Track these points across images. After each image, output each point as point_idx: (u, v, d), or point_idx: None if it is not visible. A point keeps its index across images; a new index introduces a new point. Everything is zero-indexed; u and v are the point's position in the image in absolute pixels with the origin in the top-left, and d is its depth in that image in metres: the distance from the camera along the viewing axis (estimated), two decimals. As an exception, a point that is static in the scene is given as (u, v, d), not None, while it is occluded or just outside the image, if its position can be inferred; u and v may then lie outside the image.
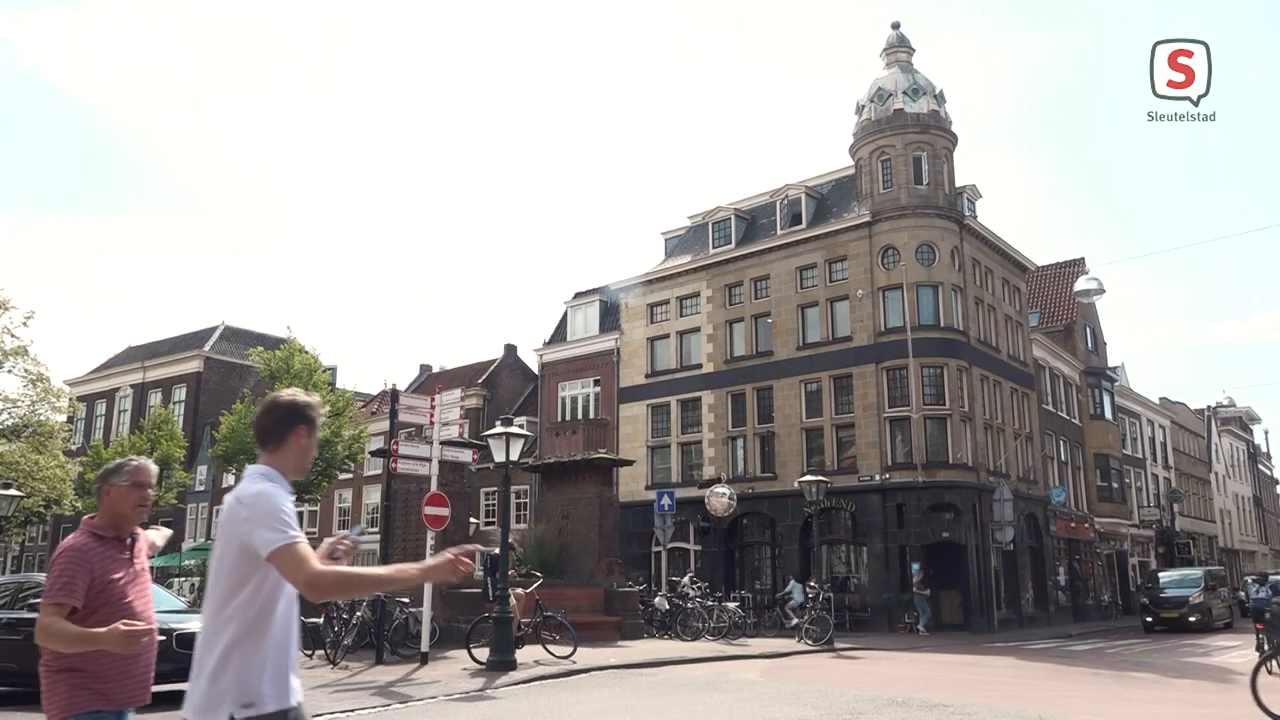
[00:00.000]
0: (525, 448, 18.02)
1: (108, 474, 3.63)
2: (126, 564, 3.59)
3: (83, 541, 3.51)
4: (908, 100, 33.33)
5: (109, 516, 3.59)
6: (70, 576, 3.41)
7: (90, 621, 3.35)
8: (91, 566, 3.43)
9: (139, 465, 3.66)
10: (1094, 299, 20.00)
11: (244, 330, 57.81)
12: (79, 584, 3.39)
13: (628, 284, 39.65)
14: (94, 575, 3.42)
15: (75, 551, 3.46)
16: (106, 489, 3.60)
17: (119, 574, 3.53)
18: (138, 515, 3.65)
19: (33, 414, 31.65)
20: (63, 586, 3.37)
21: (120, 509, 3.61)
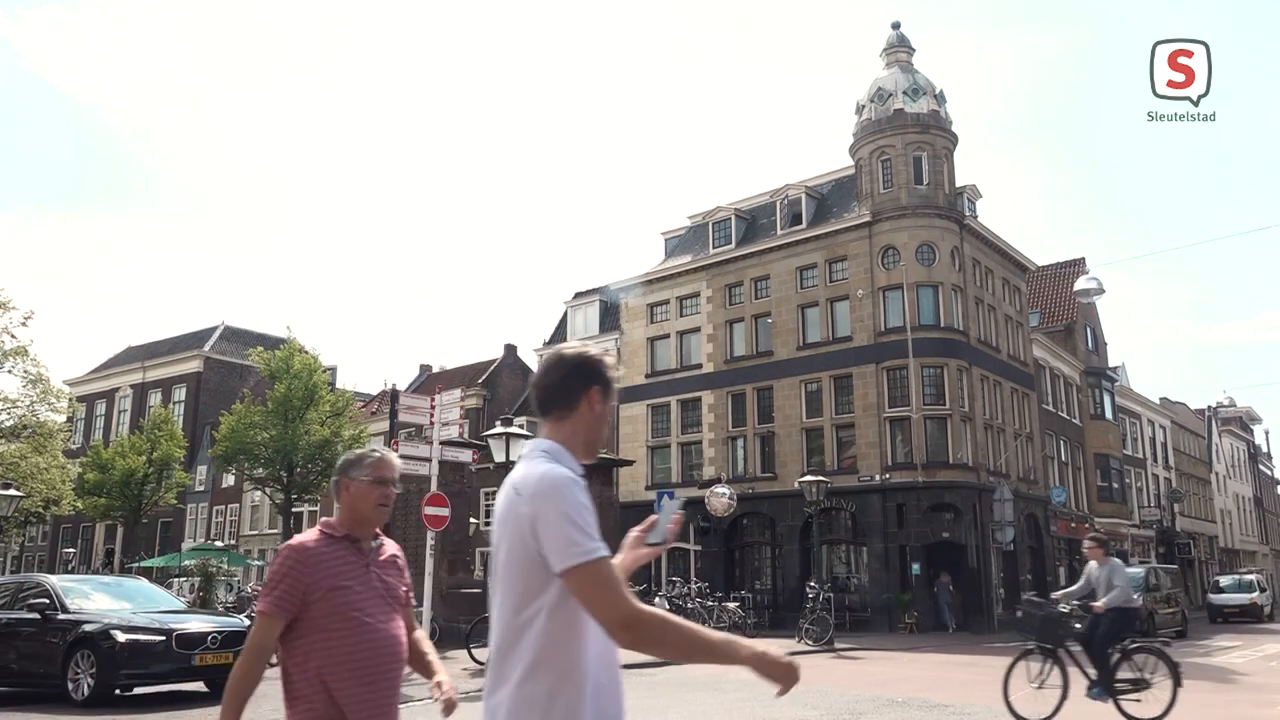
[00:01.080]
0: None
1: (347, 466, 3.10)
2: (360, 571, 2.95)
3: (307, 540, 2.96)
4: (908, 100, 33.33)
5: (346, 514, 3.07)
6: (281, 581, 2.84)
7: (312, 638, 2.82)
8: (310, 570, 2.86)
9: (381, 458, 3.12)
10: (1094, 299, 20.00)
11: (244, 330, 57.81)
12: (288, 591, 2.83)
13: (628, 284, 39.64)
14: (312, 580, 2.84)
15: (293, 551, 2.91)
16: (345, 483, 3.08)
17: (349, 582, 2.90)
18: (379, 516, 3.09)
19: (32, 414, 31.64)
20: (270, 592, 2.85)
21: (359, 507, 3.06)
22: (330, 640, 2.82)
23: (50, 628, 11.29)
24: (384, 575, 3.05)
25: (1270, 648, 22.08)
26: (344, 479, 3.09)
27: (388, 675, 2.91)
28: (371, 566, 3.01)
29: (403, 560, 3.18)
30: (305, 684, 2.83)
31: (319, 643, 2.82)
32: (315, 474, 36.21)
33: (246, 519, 52.50)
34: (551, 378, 2.32)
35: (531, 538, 2.08)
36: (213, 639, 11.34)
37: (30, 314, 30.31)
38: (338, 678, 2.81)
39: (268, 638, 2.83)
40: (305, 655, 2.83)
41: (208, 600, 22.95)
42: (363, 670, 2.85)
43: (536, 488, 2.10)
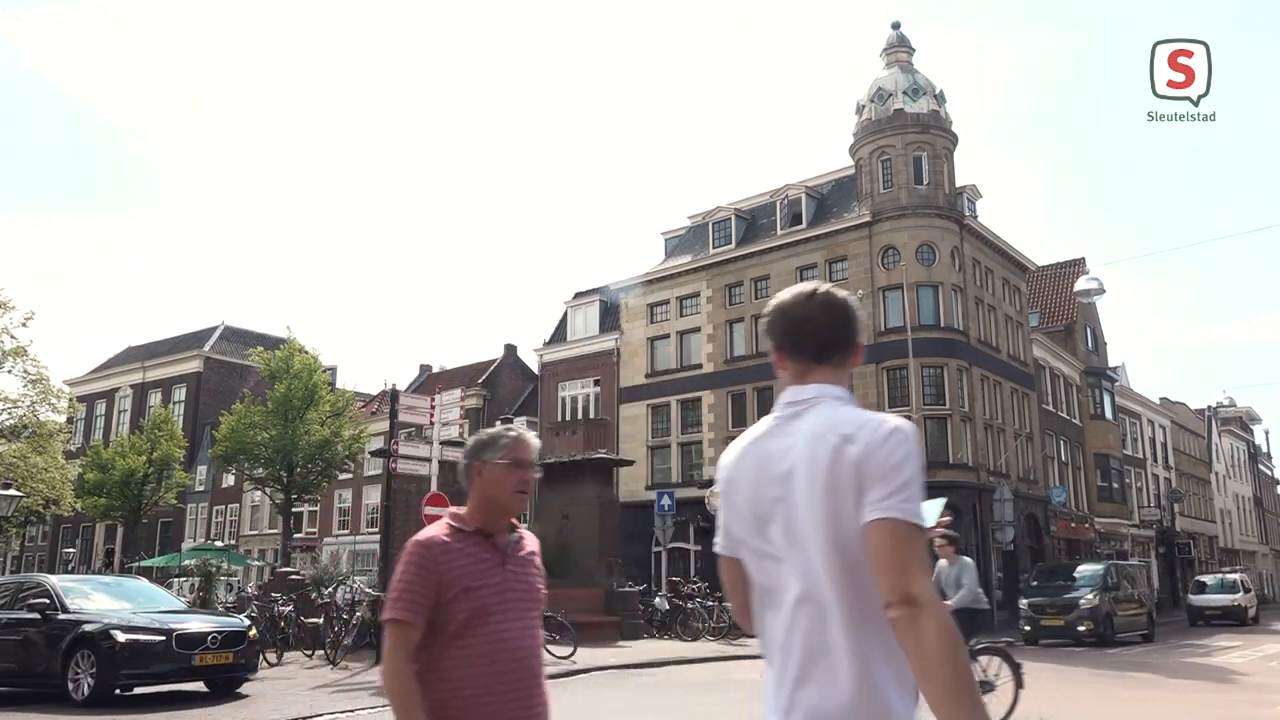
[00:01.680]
0: (525, 448, 18.01)
1: (479, 448, 2.69)
2: (497, 569, 2.56)
3: (436, 534, 2.56)
4: (908, 100, 33.33)
5: (479, 503, 2.65)
6: (410, 583, 2.46)
7: (442, 648, 2.46)
8: (441, 568, 2.49)
9: (519, 437, 2.70)
10: (1094, 299, 19.99)
11: (244, 330, 57.80)
12: (421, 593, 2.45)
13: (628, 284, 39.64)
14: (443, 579, 2.48)
15: (420, 547, 2.51)
16: (477, 468, 2.67)
17: (484, 583, 2.51)
18: (517, 504, 2.68)
19: (32, 414, 31.64)
20: (399, 596, 2.45)
21: (496, 495, 2.64)
22: (463, 651, 2.46)
23: (50, 628, 11.29)
24: (522, 574, 2.63)
25: (1270, 648, 22.08)
26: (475, 463, 2.68)
27: (526, 691, 2.53)
28: (509, 564, 2.61)
29: (539, 557, 2.79)
30: (435, 701, 2.43)
31: (450, 653, 2.46)
32: (315, 474, 36.21)
33: (246, 519, 52.51)
34: (834, 316, 2.10)
35: (852, 491, 1.78)
36: (213, 639, 11.34)
37: (30, 314, 30.35)
38: (469, 694, 2.43)
39: (405, 645, 2.43)
40: (432, 667, 2.45)
41: (208, 600, 22.94)
42: (498, 685, 2.46)
43: (887, 433, 1.80)
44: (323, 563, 28.23)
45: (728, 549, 2.04)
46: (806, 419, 1.90)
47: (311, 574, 22.22)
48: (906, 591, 1.70)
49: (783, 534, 1.87)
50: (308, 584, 20.45)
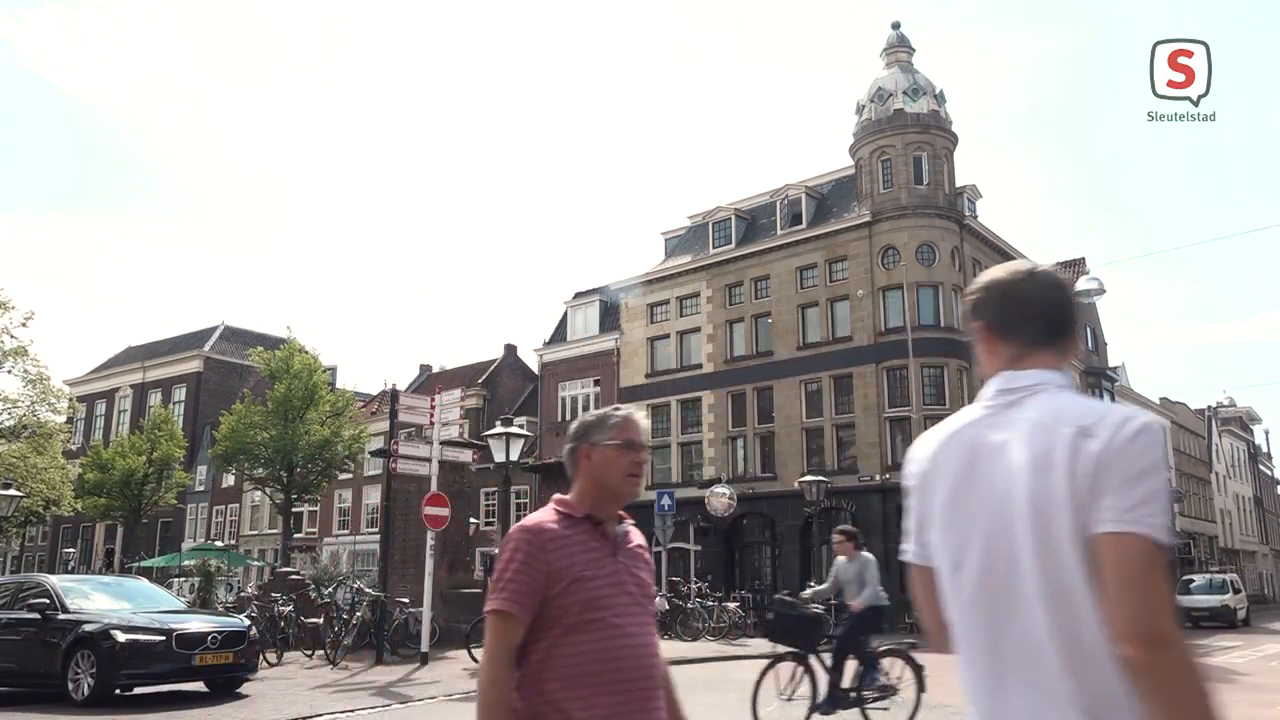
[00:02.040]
0: (525, 448, 18.04)
1: (587, 430, 2.47)
2: (607, 560, 2.33)
3: (542, 521, 2.34)
4: (908, 100, 33.34)
5: (588, 488, 2.42)
6: (516, 572, 2.23)
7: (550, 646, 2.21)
8: (550, 556, 2.25)
9: (628, 417, 2.48)
10: (1094, 299, 19.95)
11: (244, 330, 57.82)
12: (528, 583, 2.22)
13: (628, 284, 39.65)
14: (552, 569, 2.24)
15: (528, 533, 2.29)
16: (585, 450, 2.45)
17: (596, 574, 2.28)
18: (630, 489, 2.45)
19: (32, 414, 31.65)
20: (503, 585, 2.23)
21: (608, 479, 2.41)
22: (574, 649, 2.21)
23: (50, 628, 11.29)
24: (633, 568, 2.39)
25: (1270, 648, 22.07)
26: (584, 445, 2.45)
27: (645, 696, 2.27)
28: (619, 555, 2.37)
29: (649, 551, 2.54)
30: (537, 704, 2.18)
31: (559, 652, 2.20)
32: (315, 474, 36.22)
33: (246, 519, 52.51)
34: (1060, 298, 1.83)
35: (1088, 491, 1.52)
36: (213, 639, 11.34)
37: (30, 314, 30.39)
38: (582, 698, 2.18)
39: (508, 640, 2.19)
40: (540, 668, 2.20)
41: (208, 600, 22.95)
42: (615, 688, 2.21)
43: (1135, 430, 1.54)
44: (323, 563, 28.25)
45: (920, 556, 1.81)
46: (1028, 407, 1.66)
47: (311, 574, 22.23)
48: (1151, 626, 1.43)
49: (995, 541, 1.61)
50: (308, 584, 20.46)
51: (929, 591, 1.79)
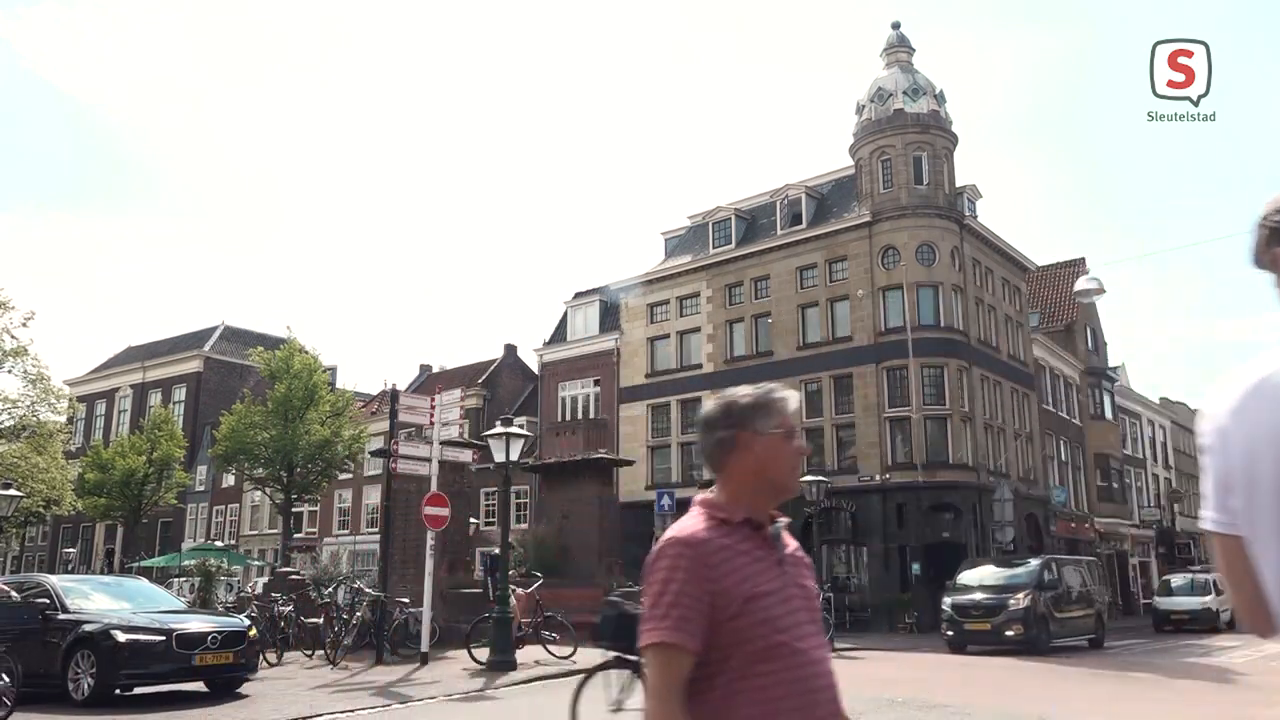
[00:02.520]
0: (525, 448, 18.02)
1: (747, 414, 2.04)
2: (775, 570, 1.98)
3: (697, 530, 1.97)
4: (908, 100, 33.34)
5: (746, 485, 2.02)
6: (677, 594, 1.88)
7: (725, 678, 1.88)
8: (716, 574, 1.90)
9: (788, 400, 2.08)
10: (1094, 299, 19.95)
11: (244, 330, 57.83)
12: (691, 609, 1.87)
13: (628, 284, 39.65)
14: (720, 589, 1.88)
15: (686, 547, 1.93)
16: (746, 439, 2.03)
17: (767, 589, 1.93)
18: (796, 485, 2.10)
19: (32, 414, 31.66)
20: (665, 610, 1.88)
21: (774, 473, 2.03)
22: (762, 682, 1.86)
23: (50, 628, 11.29)
24: (798, 577, 2.04)
25: (1270, 648, 22.03)
26: (744, 433, 2.03)
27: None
28: (784, 564, 2.01)
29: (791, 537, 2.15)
30: None
31: (744, 686, 1.86)
32: (315, 474, 36.22)
33: (246, 519, 52.52)
34: None
35: None
36: (213, 639, 11.34)
37: (30, 314, 30.41)
38: None
39: (678, 677, 1.85)
40: (723, 708, 1.87)
41: (208, 600, 22.96)
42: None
43: None
44: (323, 563, 28.24)
45: (1225, 524, 1.55)
46: None
47: (311, 574, 22.23)
48: None
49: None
50: (308, 584, 20.46)
51: (1240, 563, 1.51)
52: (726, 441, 2.05)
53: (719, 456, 2.06)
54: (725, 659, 1.87)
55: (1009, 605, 19.42)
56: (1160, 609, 29.82)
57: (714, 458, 2.08)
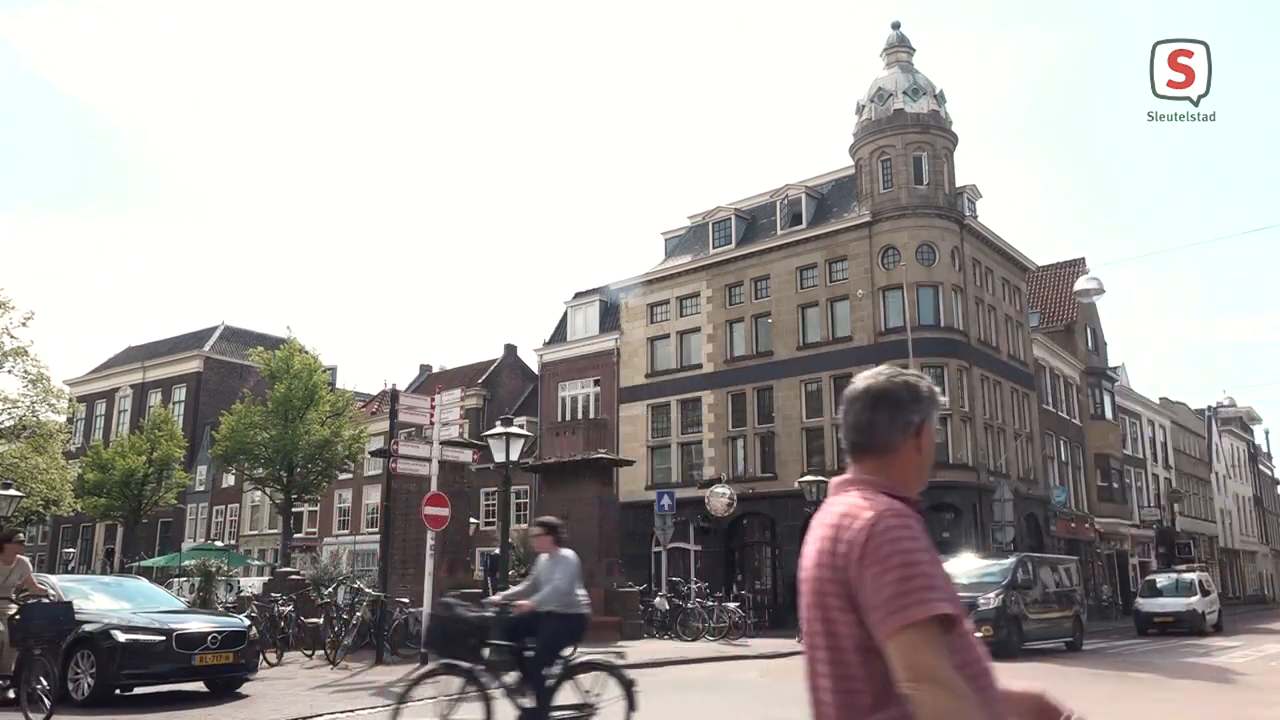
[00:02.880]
0: (525, 448, 18.05)
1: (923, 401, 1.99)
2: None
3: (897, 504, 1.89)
4: (908, 100, 33.33)
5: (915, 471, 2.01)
6: (931, 562, 1.80)
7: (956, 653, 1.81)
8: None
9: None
10: (1094, 299, 19.99)
11: (244, 330, 57.82)
12: (945, 576, 1.81)
13: (628, 284, 39.65)
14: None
15: (909, 519, 1.85)
16: (923, 426, 1.99)
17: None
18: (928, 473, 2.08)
19: (32, 414, 31.64)
20: (928, 583, 1.75)
21: (928, 463, 2.04)
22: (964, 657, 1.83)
23: (50, 628, 11.28)
24: None
25: (1270, 648, 22.06)
26: (921, 420, 1.99)
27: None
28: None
29: None
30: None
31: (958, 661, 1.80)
32: (315, 474, 36.20)
33: (246, 519, 52.52)
34: None
35: None
36: (213, 639, 11.34)
37: (30, 314, 30.35)
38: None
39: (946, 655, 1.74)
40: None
41: (208, 600, 22.95)
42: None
43: None
44: (323, 563, 28.24)
45: None
46: None
47: (311, 574, 22.23)
48: None
49: None
50: (308, 584, 20.46)
51: None
52: (912, 425, 1.99)
53: (897, 437, 1.98)
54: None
55: (978, 605, 18.13)
56: (1143, 611, 28.30)
57: (890, 437, 1.98)
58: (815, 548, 1.95)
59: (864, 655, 1.83)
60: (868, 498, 1.90)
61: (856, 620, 1.83)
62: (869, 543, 1.81)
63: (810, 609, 1.96)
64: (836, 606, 1.87)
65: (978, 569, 20.51)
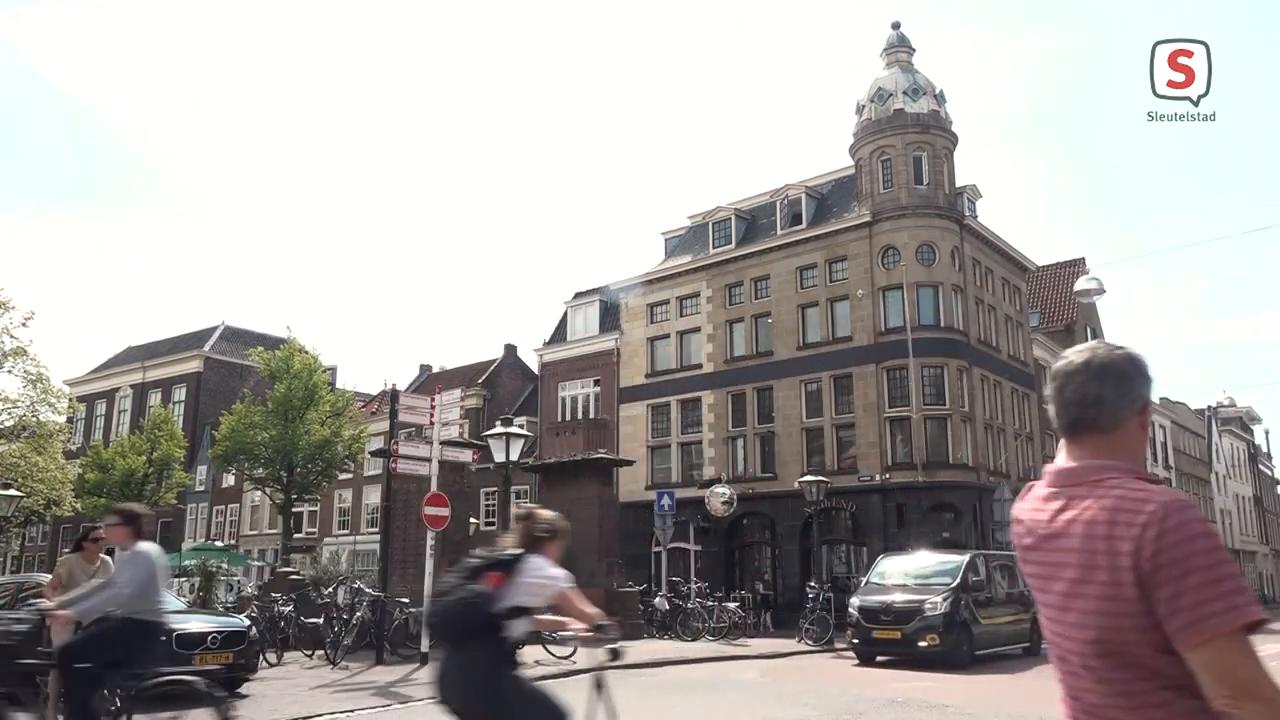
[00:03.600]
0: (525, 448, 18.05)
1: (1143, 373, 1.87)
2: None
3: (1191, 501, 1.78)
4: (908, 100, 33.34)
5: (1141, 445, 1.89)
6: (1232, 563, 1.66)
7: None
8: None
9: None
10: (1094, 299, 19.94)
11: (244, 330, 57.84)
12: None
13: (628, 284, 39.65)
14: None
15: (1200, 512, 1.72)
16: (1146, 405, 1.88)
17: None
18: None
19: (32, 414, 31.66)
20: (1239, 586, 1.61)
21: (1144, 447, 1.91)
22: None
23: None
24: None
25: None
26: (1146, 395, 1.86)
27: None
28: None
29: None
30: None
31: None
32: (315, 474, 36.22)
33: (246, 519, 52.53)
34: None
35: None
36: (213, 639, 11.34)
37: (30, 314, 30.39)
38: None
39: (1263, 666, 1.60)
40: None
41: (208, 600, 22.97)
42: None
43: None
44: (323, 563, 28.27)
45: None
46: None
47: (311, 574, 22.24)
48: None
49: None
50: (308, 584, 20.47)
51: None
52: (1140, 399, 1.85)
53: (1125, 412, 1.83)
54: None
55: (924, 610, 16.52)
56: None
57: (1118, 412, 1.83)
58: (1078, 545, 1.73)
59: (1159, 668, 1.64)
60: (1139, 486, 1.72)
61: (1148, 627, 1.63)
62: (1161, 539, 1.62)
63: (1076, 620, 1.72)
64: (1123, 613, 1.65)
65: (923, 568, 18.83)
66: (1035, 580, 1.85)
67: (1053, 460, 2.00)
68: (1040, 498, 1.88)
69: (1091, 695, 1.74)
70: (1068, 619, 1.76)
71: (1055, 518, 1.80)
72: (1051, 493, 1.86)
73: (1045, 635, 1.85)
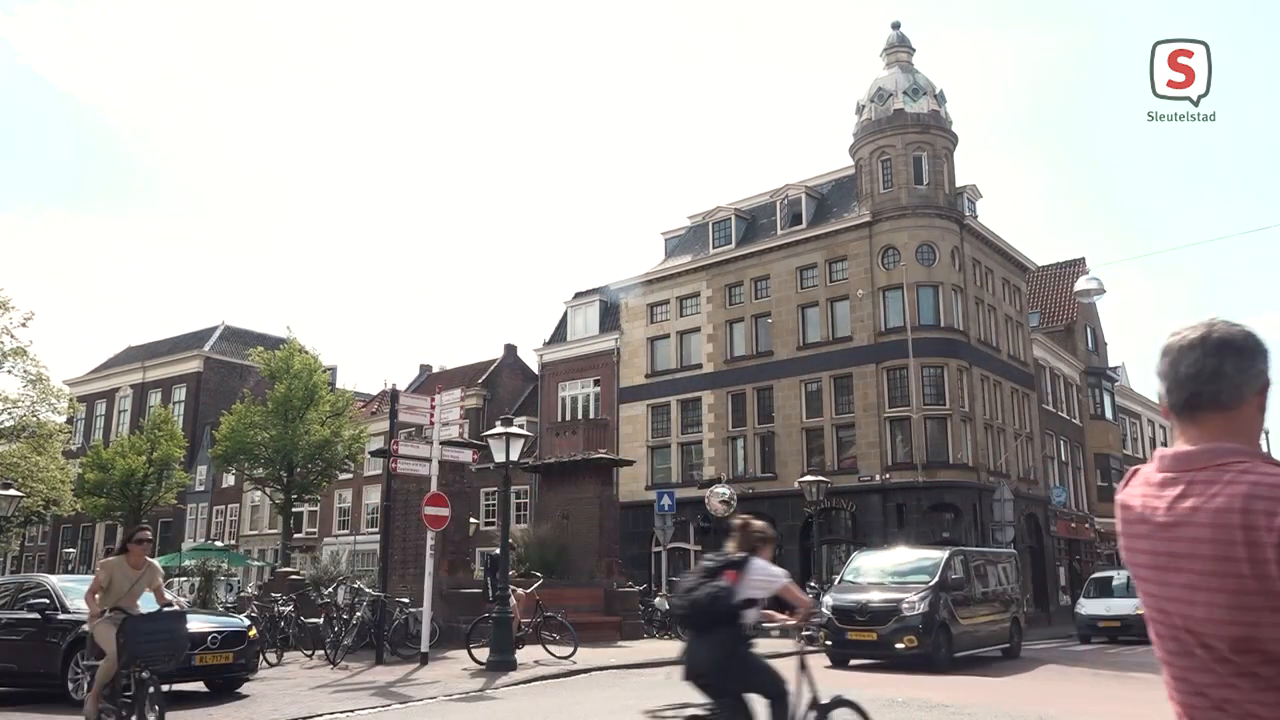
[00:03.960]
0: (525, 448, 18.02)
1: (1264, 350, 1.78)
2: None
3: None
4: (908, 100, 33.34)
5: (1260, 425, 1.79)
6: None
7: None
8: None
9: None
10: (1094, 299, 19.96)
11: (244, 330, 57.85)
12: None
13: (628, 284, 39.66)
14: None
15: None
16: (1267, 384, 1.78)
17: None
18: None
19: (32, 414, 31.67)
20: None
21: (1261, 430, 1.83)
22: None
23: (50, 628, 11.28)
24: None
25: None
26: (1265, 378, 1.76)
27: None
28: None
29: None
30: None
31: None
32: (315, 474, 36.22)
33: (246, 519, 52.52)
34: None
35: None
36: (213, 639, 11.34)
37: (30, 314, 30.44)
38: None
39: None
40: None
41: (208, 600, 22.97)
42: None
43: None
44: (323, 563, 28.26)
45: None
46: None
47: (311, 574, 22.23)
48: None
49: None
50: (308, 584, 20.46)
51: None
52: (1261, 376, 1.74)
53: (1247, 389, 1.72)
54: None
55: (901, 610, 15.75)
56: (1084, 616, 24.40)
57: (1240, 388, 1.72)
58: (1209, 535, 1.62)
59: None
60: (1273, 471, 1.60)
61: None
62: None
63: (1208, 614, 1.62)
64: (1271, 608, 1.54)
65: (899, 565, 17.90)
66: (1147, 570, 1.75)
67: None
68: (1154, 483, 1.76)
69: (1224, 691, 1.63)
70: (1195, 612, 1.64)
71: (1175, 505, 1.69)
72: (1168, 478, 1.73)
73: (1155, 627, 1.76)
